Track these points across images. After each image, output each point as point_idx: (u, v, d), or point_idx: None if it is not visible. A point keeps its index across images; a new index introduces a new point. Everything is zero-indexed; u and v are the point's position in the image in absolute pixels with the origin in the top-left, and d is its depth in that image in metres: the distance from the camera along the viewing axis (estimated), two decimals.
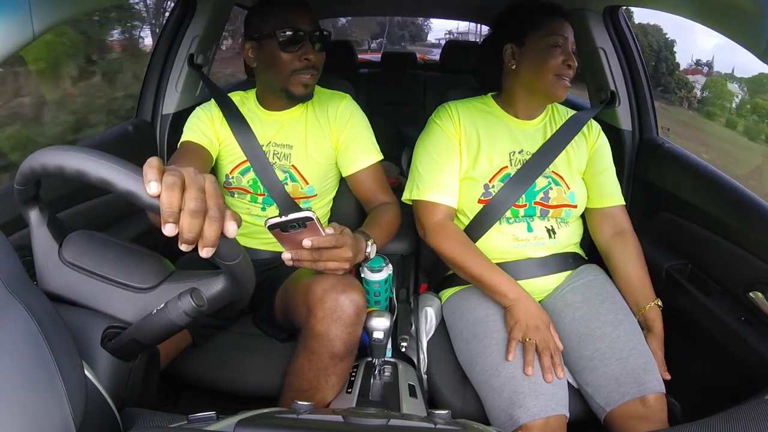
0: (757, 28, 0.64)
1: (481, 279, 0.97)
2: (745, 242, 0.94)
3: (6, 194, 0.88)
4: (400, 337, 1.09)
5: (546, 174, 1.04)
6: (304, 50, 1.00)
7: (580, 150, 1.08)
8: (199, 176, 0.47)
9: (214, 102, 1.13)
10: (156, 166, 0.45)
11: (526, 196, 1.02)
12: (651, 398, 0.82)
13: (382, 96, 2.73)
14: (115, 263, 0.60)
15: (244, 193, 1.12)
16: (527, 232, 1.03)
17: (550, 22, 1.00)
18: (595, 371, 0.88)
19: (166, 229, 0.44)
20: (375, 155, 1.12)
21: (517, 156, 1.05)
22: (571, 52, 1.00)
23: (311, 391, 0.84)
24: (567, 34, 1.00)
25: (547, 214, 1.03)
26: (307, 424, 0.47)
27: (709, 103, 5.70)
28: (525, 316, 0.91)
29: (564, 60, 0.98)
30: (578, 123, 1.09)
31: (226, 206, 0.48)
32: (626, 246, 1.04)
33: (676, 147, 1.23)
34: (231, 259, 0.51)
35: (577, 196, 1.05)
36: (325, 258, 0.79)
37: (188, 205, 0.45)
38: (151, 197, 0.45)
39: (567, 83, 1.00)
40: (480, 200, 1.03)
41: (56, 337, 0.42)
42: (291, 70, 1.01)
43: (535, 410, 0.80)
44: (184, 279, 0.59)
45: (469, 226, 1.04)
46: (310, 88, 1.04)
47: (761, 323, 0.89)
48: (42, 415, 0.39)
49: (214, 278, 0.57)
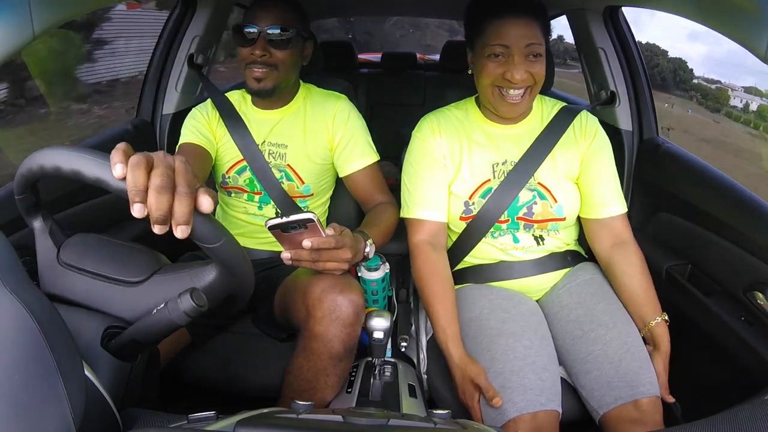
0: (757, 28, 0.64)
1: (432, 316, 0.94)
2: (745, 242, 0.94)
3: (6, 195, 0.88)
4: (400, 337, 1.09)
5: (531, 186, 0.97)
6: (255, 46, 1.00)
7: (569, 153, 0.99)
8: (168, 156, 0.46)
9: (210, 102, 1.13)
10: (122, 149, 0.45)
11: (508, 212, 0.97)
12: (644, 402, 0.82)
13: (382, 96, 2.73)
14: (107, 260, 0.60)
15: (241, 192, 1.12)
16: (514, 242, 1.01)
17: (491, 25, 0.89)
18: (588, 374, 0.88)
19: (135, 210, 0.43)
20: (372, 156, 1.12)
21: (500, 167, 0.99)
22: (525, 59, 0.88)
23: (311, 391, 0.84)
24: (513, 39, 0.87)
25: (531, 228, 1.00)
26: (306, 424, 0.47)
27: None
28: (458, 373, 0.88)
29: (504, 72, 0.89)
30: (563, 121, 0.99)
31: (199, 182, 0.47)
32: (628, 257, 0.96)
33: (676, 147, 1.23)
34: (212, 241, 0.50)
35: (566, 208, 0.98)
36: (325, 258, 0.79)
37: (153, 182, 0.44)
38: (119, 180, 0.44)
39: (513, 99, 0.91)
40: (462, 217, 1.00)
41: (56, 337, 0.42)
42: (245, 63, 1.02)
43: (522, 404, 0.80)
44: (174, 270, 0.59)
45: (456, 242, 1.03)
46: (264, 83, 1.02)
47: (761, 323, 0.89)
48: (42, 415, 0.39)
49: (204, 268, 0.57)
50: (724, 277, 0.99)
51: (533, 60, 0.90)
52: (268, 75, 1.02)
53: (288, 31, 1.01)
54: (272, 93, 1.05)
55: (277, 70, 1.02)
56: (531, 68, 0.90)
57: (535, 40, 0.89)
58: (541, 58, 0.91)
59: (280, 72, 1.03)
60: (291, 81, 1.09)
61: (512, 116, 0.97)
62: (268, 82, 1.02)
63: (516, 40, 0.88)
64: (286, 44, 1.01)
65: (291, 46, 1.02)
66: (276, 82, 1.03)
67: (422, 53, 3.49)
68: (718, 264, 1.01)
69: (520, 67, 0.88)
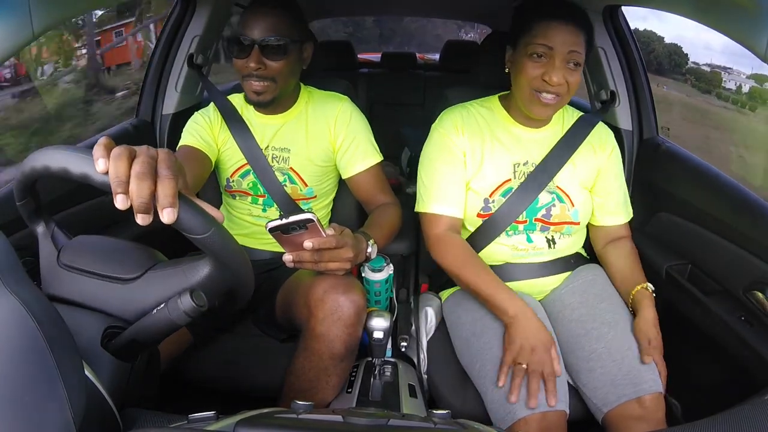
0: (757, 28, 0.64)
1: (481, 294, 0.93)
2: (745, 242, 0.94)
3: (6, 195, 0.88)
4: (400, 337, 1.09)
5: (550, 189, 0.99)
6: (249, 58, 0.96)
7: (587, 163, 1.02)
8: (152, 148, 0.47)
9: (213, 106, 1.13)
10: (104, 143, 0.45)
11: (527, 213, 0.98)
12: (647, 399, 0.82)
13: (382, 96, 2.73)
14: (102, 259, 0.60)
15: (245, 195, 1.12)
16: (526, 243, 1.01)
17: (539, 26, 0.89)
18: (591, 372, 0.88)
19: (117, 202, 0.43)
20: (375, 157, 1.11)
21: (521, 168, 1.00)
22: (565, 65, 0.89)
23: (311, 391, 0.85)
24: (558, 42, 0.88)
25: (547, 229, 1.01)
26: (306, 424, 0.47)
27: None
28: (522, 335, 0.86)
29: (543, 73, 0.89)
30: (582, 129, 1.02)
31: (182, 167, 0.48)
32: (621, 247, 1.04)
33: (676, 147, 1.23)
34: (201, 231, 0.49)
35: (581, 213, 1.01)
36: (327, 259, 0.79)
37: (133, 170, 0.44)
38: (102, 175, 0.44)
39: (547, 100, 0.91)
40: (479, 214, 1.00)
41: (56, 337, 0.42)
42: (242, 75, 1.00)
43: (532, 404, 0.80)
44: (168, 266, 0.59)
45: (470, 238, 1.03)
46: (263, 96, 1.00)
47: (761, 323, 0.89)
48: (42, 416, 0.39)
49: (198, 262, 0.57)
50: (724, 277, 0.99)
51: (572, 68, 0.90)
52: (267, 88, 0.99)
53: (283, 39, 0.96)
54: (272, 104, 1.04)
55: (275, 82, 0.99)
56: (569, 76, 0.90)
57: (578, 48, 0.89)
58: (579, 68, 0.91)
59: (278, 83, 1.00)
60: (291, 88, 1.07)
61: (542, 118, 0.97)
62: (267, 95, 1.00)
63: (561, 43, 0.88)
64: (282, 53, 0.97)
65: (287, 54, 0.98)
66: (275, 93, 1.01)
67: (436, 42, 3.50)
68: (718, 264, 1.01)
69: (559, 71, 0.89)
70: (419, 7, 2.65)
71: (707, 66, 5.37)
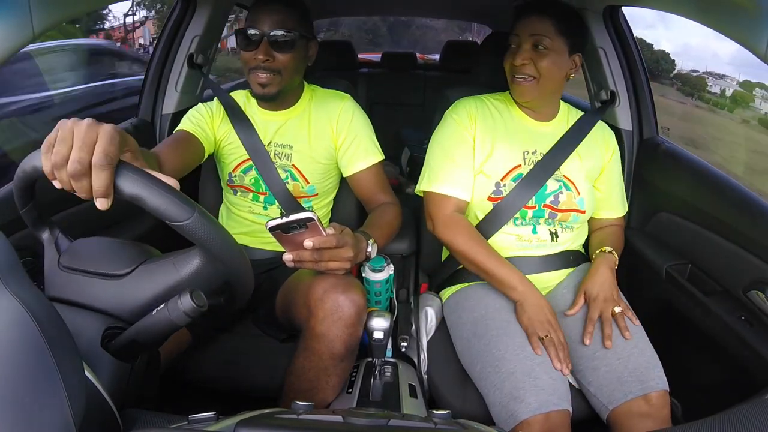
0: (757, 28, 0.64)
1: (491, 272, 0.97)
2: (745, 242, 0.94)
3: (6, 195, 0.88)
4: (400, 337, 1.09)
5: (557, 177, 1.04)
6: (258, 50, 0.98)
7: (593, 158, 1.08)
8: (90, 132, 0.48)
9: (217, 100, 1.13)
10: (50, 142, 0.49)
11: (536, 198, 1.02)
12: (654, 396, 0.82)
13: (382, 96, 2.73)
14: (97, 257, 0.61)
15: (247, 191, 1.12)
16: (531, 234, 1.03)
17: (518, 21, 0.99)
18: (596, 370, 0.88)
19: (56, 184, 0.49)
20: (376, 155, 1.12)
21: (530, 156, 1.04)
22: (530, 48, 0.97)
23: (312, 392, 0.84)
24: (522, 29, 0.98)
25: (554, 218, 1.03)
26: (306, 424, 0.47)
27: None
28: (534, 309, 0.92)
29: (514, 59, 0.98)
30: (585, 125, 1.09)
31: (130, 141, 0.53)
32: (608, 228, 1.12)
33: (676, 147, 1.23)
34: (180, 217, 0.48)
35: (587, 202, 1.05)
36: (327, 258, 0.79)
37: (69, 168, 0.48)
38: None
39: (519, 82, 0.99)
40: (490, 197, 1.02)
41: (56, 337, 0.42)
42: (248, 68, 1.01)
43: (536, 405, 0.80)
44: (159, 259, 0.60)
45: (479, 225, 1.04)
46: (268, 89, 1.01)
47: (761, 323, 0.89)
48: (42, 416, 0.39)
49: (188, 253, 0.57)
50: (724, 277, 0.99)
51: (540, 51, 0.97)
52: (272, 81, 1.00)
53: (291, 33, 0.99)
54: (276, 98, 1.04)
55: (280, 75, 1.01)
56: (538, 60, 0.97)
57: (541, 32, 0.96)
58: (548, 51, 0.97)
59: (284, 77, 1.01)
60: (295, 84, 1.08)
61: (523, 101, 1.04)
62: (272, 88, 1.01)
63: (523, 29, 0.98)
64: (290, 47, 0.99)
65: (294, 49, 1.00)
66: (280, 87, 1.02)
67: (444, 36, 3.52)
68: (718, 263, 1.01)
69: (523, 53, 0.97)
70: (419, 7, 2.65)
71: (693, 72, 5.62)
